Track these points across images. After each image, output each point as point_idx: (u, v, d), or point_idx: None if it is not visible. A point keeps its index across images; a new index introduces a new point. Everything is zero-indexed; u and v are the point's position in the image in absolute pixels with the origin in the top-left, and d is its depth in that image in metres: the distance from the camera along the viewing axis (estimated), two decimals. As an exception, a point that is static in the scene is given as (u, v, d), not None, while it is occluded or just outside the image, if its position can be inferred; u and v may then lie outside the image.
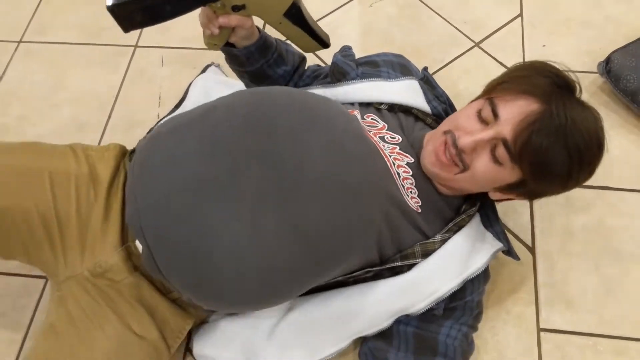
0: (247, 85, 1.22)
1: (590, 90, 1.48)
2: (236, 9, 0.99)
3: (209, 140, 0.87)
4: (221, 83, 1.38)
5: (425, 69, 1.21)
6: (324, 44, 1.06)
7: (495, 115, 0.90)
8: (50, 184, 0.95)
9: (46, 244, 0.94)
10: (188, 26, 1.66)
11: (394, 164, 0.98)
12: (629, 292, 1.19)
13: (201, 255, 0.83)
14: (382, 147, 0.98)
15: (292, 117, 0.89)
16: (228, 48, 1.10)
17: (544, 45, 1.55)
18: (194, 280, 0.86)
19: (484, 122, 0.91)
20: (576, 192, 1.30)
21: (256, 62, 1.12)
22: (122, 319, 0.93)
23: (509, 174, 0.91)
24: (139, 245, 0.92)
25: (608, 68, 1.41)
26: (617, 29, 1.57)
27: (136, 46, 1.64)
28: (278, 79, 1.18)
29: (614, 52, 1.43)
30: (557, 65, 0.92)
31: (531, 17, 1.62)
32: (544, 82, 0.89)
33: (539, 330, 1.15)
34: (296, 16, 1.00)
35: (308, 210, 0.84)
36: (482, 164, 0.91)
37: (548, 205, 1.30)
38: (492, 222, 1.06)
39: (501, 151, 0.88)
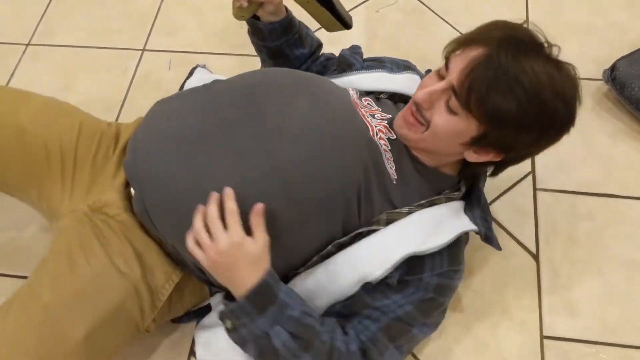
0: (262, 61, 1.29)
1: (595, 97, 1.48)
2: None
3: (208, 102, 0.97)
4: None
5: (429, 70, 1.22)
6: (347, 25, 1.12)
7: (448, 68, 0.91)
8: (79, 129, 1.08)
9: (58, 177, 1.05)
10: (195, 30, 1.68)
11: (377, 134, 1.00)
12: (633, 299, 1.19)
13: (186, 195, 0.91)
14: (369, 120, 1.01)
15: (285, 84, 0.99)
16: (253, 20, 1.17)
17: (549, 52, 1.56)
18: (178, 222, 0.92)
19: (441, 78, 0.93)
20: (580, 199, 1.32)
21: (277, 40, 1.19)
22: (108, 253, 0.96)
23: (467, 124, 0.90)
24: (133, 192, 1.00)
25: (613, 75, 1.42)
26: (622, 36, 1.58)
27: (144, 50, 1.65)
28: (293, 60, 1.24)
29: (619, 59, 1.44)
30: (524, 25, 0.92)
31: (537, 23, 1.61)
32: (497, 33, 0.89)
33: (542, 337, 1.16)
34: None
35: (290, 155, 0.90)
36: (439, 117, 0.91)
37: (552, 213, 1.31)
38: (473, 208, 1.05)
39: (453, 100, 0.89)
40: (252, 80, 1.01)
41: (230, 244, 0.86)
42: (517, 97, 0.84)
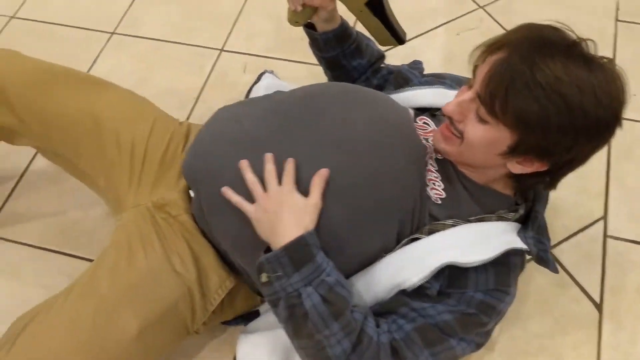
0: (325, 73, 1.30)
1: (679, 147, 1.42)
2: None
3: (268, 110, 0.99)
4: (281, 86, 1.41)
5: None
6: (400, 39, 1.09)
7: (474, 77, 0.89)
8: (152, 126, 1.11)
9: (127, 170, 1.08)
10: (273, 36, 1.70)
11: (428, 154, 1.00)
12: (700, 366, 1.13)
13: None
14: (422, 141, 1.01)
15: (343, 97, 0.99)
16: (309, 30, 1.17)
17: (634, 95, 1.50)
18: (232, 225, 0.95)
19: (471, 88, 0.90)
20: (652, 252, 1.26)
21: (332, 50, 1.19)
22: (166, 252, 0.98)
23: (498, 131, 0.87)
24: (191, 193, 1.03)
25: (702, 127, 1.35)
26: None
27: (222, 50, 1.68)
28: (351, 71, 1.23)
29: None
30: (557, 26, 0.86)
31: (624, 64, 1.56)
32: (518, 35, 0.85)
33: (599, 393, 1.11)
34: (377, 7, 1.04)
35: (342, 166, 0.90)
36: (471, 127, 0.89)
37: (621, 263, 1.25)
38: (527, 230, 0.99)
39: (481, 108, 0.87)
40: (311, 92, 1.03)
41: (280, 190, 0.89)
42: (536, 98, 0.80)
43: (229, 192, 0.92)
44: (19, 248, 1.32)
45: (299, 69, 1.62)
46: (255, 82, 1.37)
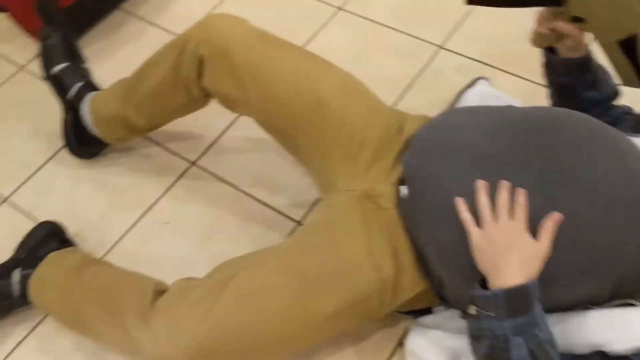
0: (550, 96, 1.23)
1: None
2: (576, 20, 1.00)
3: (501, 126, 0.97)
4: (498, 97, 1.37)
5: None
6: None
7: None
8: (370, 113, 1.12)
9: (343, 153, 1.10)
10: (497, 44, 1.67)
11: None
12: None
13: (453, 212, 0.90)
14: None
15: (591, 132, 0.95)
16: (548, 53, 1.12)
17: None
18: (443, 232, 0.93)
19: None
20: None
21: (569, 77, 1.13)
22: (369, 243, 0.99)
23: None
24: (403, 190, 1.02)
25: None
26: None
27: (441, 47, 1.68)
28: (582, 101, 1.16)
29: None
30: None
31: None
32: None
33: None
34: (630, 47, 0.99)
35: (574, 208, 0.86)
36: None
37: None
38: None
39: None
40: (552, 117, 0.98)
41: (512, 227, 0.85)
42: None
43: (461, 206, 0.90)
44: (220, 186, 1.44)
45: (514, 83, 1.58)
46: (468, 86, 1.35)
